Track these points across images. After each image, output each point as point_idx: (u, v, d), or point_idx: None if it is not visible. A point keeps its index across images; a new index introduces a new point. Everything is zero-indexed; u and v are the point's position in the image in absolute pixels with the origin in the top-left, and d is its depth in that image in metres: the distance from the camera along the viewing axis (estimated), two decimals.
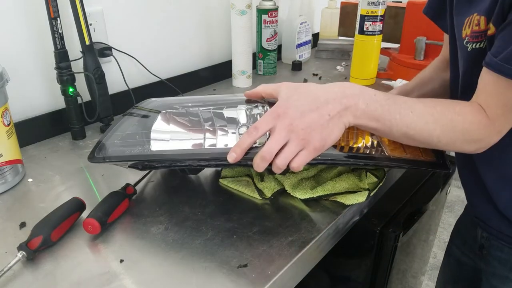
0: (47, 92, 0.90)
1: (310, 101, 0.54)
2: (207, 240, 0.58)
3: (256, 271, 0.52)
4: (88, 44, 0.87)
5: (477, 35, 0.59)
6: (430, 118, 0.56)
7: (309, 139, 0.53)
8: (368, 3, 1.13)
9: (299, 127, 0.53)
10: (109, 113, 0.93)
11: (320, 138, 0.53)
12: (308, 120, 0.53)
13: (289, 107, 0.54)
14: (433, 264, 1.93)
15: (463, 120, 0.56)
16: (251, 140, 0.55)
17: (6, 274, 0.51)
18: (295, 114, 0.53)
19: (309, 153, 0.54)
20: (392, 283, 0.89)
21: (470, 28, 0.60)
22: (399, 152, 0.63)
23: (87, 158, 0.64)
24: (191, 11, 1.18)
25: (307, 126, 0.53)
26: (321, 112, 0.53)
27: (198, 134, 0.60)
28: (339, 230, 0.64)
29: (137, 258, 0.55)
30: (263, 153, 0.53)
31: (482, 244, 0.72)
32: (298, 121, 0.53)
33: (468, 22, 0.60)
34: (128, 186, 0.66)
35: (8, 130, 0.70)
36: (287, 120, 0.53)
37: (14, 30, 0.83)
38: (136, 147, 0.61)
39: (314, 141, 0.53)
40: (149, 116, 0.64)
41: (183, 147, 0.60)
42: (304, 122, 0.53)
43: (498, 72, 0.51)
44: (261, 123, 0.54)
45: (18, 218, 0.63)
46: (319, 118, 0.53)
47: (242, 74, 1.23)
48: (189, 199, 0.67)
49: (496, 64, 0.51)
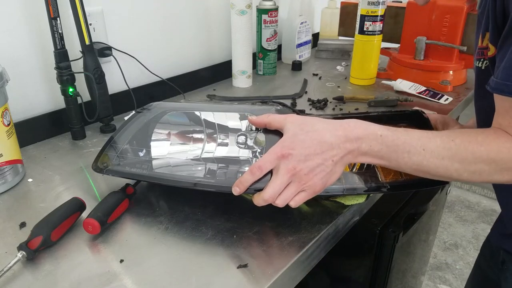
0: (47, 92, 0.90)
1: (316, 144, 0.53)
2: (207, 240, 0.58)
3: (256, 271, 0.52)
4: (88, 44, 0.86)
5: (479, 52, 0.58)
6: (447, 153, 0.53)
7: (311, 184, 0.54)
8: (368, 3, 1.13)
9: (303, 172, 0.53)
10: (109, 113, 0.93)
11: (322, 182, 0.54)
12: (312, 165, 0.53)
13: (294, 147, 0.53)
14: (433, 264, 1.93)
15: (487, 150, 0.52)
16: (254, 179, 0.56)
17: (6, 274, 0.51)
18: (299, 157, 0.53)
19: (308, 195, 0.55)
20: (392, 283, 0.89)
21: (477, 45, 0.59)
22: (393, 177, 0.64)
23: (91, 167, 0.66)
24: (191, 11, 1.17)
25: (310, 171, 0.53)
26: (325, 157, 0.53)
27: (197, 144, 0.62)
28: (339, 230, 0.64)
29: (137, 258, 0.55)
30: (265, 196, 0.54)
31: (504, 259, 0.68)
32: (302, 165, 0.53)
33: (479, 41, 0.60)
34: (128, 186, 0.66)
35: (8, 130, 0.70)
36: (291, 164, 0.53)
37: (14, 30, 0.83)
38: (136, 165, 0.64)
39: (315, 186, 0.54)
40: (150, 123, 0.65)
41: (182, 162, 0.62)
42: (307, 167, 0.53)
43: (500, 93, 0.50)
44: (264, 163, 0.55)
45: (18, 218, 0.63)
46: (322, 163, 0.53)
47: (242, 74, 1.23)
48: (189, 199, 0.67)
49: (496, 84, 0.50)
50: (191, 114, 0.65)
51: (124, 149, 0.65)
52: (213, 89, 1.23)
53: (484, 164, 0.52)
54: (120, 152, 0.65)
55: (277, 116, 0.58)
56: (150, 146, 0.64)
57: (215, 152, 0.61)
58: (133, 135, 0.65)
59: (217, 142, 0.62)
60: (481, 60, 0.58)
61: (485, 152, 0.51)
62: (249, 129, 0.61)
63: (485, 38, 0.55)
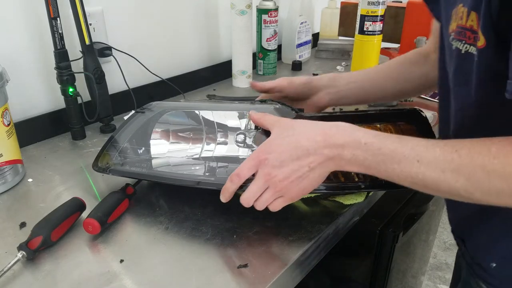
0: (47, 92, 0.90)
1: (291, 150, 0.51)
2: (207, 240, 0.58)
3: (256, 271, 0.52)
4: (88, 44, 0.86)
5: (460, 31, 0.48)
6: (448, 166, 0.44)
7: (286, 190, 0.53)
8: (368, 3, 1.13)
9: (277, 178, 0.52)
10: (109, 113, 0.93)
11: (297, 189, 0.53)
12: (287, 171, 0.52)
13: (271, 152, 0.52)
14: (433, 264, 1.93)
15: (503, 163, 0.41)
16: (235, 186, 0.55)
17: (6, 274, 0.51)
18: (275, 163, 0.52)
19: (286, 200, 0.54)
20: (392, 283, 0.89)
21: (455, 22, 0.49)
22: None
23: (92, 166, 0.66)
24: (191, 11, 1.17)
25: (284, 178, 0.52)
26: (301, 163, 0.51)
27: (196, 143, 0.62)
28: (339, 230, 0.64)
29: (137, 258, 0.55)
30: (242, 199, 0.55)
31: None
32: (276, 171, 0.52)
33: (454, 15, 0.50)
34: (128, 186, 0.66)
35: (8, 130, 0.70)
36: (266, 169, 0.52)
37: (14, 30, 0.83)
38: (136, 164, 0.64)
39: (290, 193, 0.53)
40: (150, 123, 0.65)
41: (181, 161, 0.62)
42: (282, 173, 0.52)
43: None
44: (242, 170, 0.54)
45: (18, 218, 0.63)
46: (298, 169, 0.51)
47: (242, 74, 1.23)
48: (189, 199, 0.67)
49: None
50: (190, 113, 0.65)
51: (124, 148, 0.65)
52: (213, 89, 1.23)
53: (501, 181, 0.41)
54: (120, 152, 0.65)
55: (270, 118, 0.57)
56: (150, 145, 0.64)
57: (214, 151, 0.61)
58: (133, 135, 0.65)
59: (216, 141, 0.62)
60: (462, 42, 0.48)
61: (500, 166, 0.41)
62: (248, 128, 0.61)
63: (470, 18, 0.46)
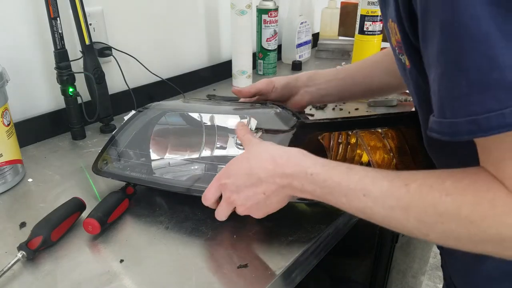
0: (47, 92, 0.90)
1: (245, 177, 0.52)
2: (207, 240, 0.58)
3: (256, 271, 0.52)
4: (88, 44, 0.86)
5: (400, 46, 0.44)
6: (396, 203, 0.39)
7: (250, 212, 0.54)
8: (368, 3, 1.13)
9: (238, 202, 0.53)
10: (109, 113, 0.93)
11: (260, 213, 0.54)
12: (243, 196, 0.52)
13: (229, 177, 0.53)
14: (433, 264, 1.93)
15: (457, 203, 0.35)
16: (208, 205, 0.57)
17: (6, 274, 0.51)
18: (232, 188, 0.53)
19: (257, 216, 0.55)
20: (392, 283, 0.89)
21: (393, 36, 0.45)
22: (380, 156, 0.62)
23: (91, 168, 0.66)
24: (191, 11, 1.17)
25: (242, 203, 0.53)
26: (255, 190, 0.51)
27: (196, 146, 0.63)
28: (339, 230, 0.64)
29: (137, 258, 0.55)
30: (216, 216, 0.57)
31: None
32: (235, 196, 0.53)
33: (390, 29, 0.46)
34: (128, 186, 0.66)
35: (8, 130, 0.70)
36: (227, 193, 0.54)
37: (14, 30, 0.83)
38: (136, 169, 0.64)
39: (255, 214, 0.54)
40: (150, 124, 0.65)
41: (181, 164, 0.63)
42: (239, 199, 0.53)
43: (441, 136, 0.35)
44: (207, 193, 0.56)
45: (18, 218, 0.63)
46: (253, 196, 0.52)
47: (242, 74, 1.23)
48: (189, 199, 0.67)
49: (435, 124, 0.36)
50: (190, 115, 0.65)
51: (124, 152, 0.65)
52: (213, 89, 1.23)
53: (457, 225, 0.35)
54: (119, 154, 0.65)
55: (246, 138, 0.58)
56: (149, 147, 0.64)
57: (214, 152, 0.61)
58: (133, 136, 0.65)
59: (216, 144, 0.62)
60: (402, 55, 0.44)
61: (453, 206, 0.35)
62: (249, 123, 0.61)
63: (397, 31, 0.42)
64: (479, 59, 0.31)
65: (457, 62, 0.32)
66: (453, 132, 0.33)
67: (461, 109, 0.33)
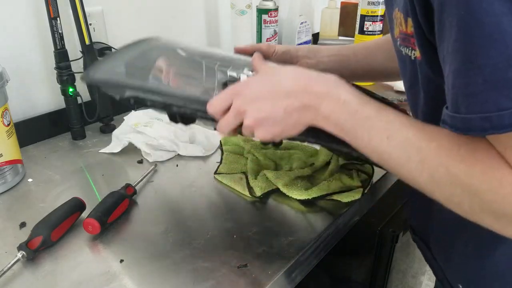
0: (47, 92, 0.90)
1: (270, 87, 0.47)
2: (207, 240, 0.58)
3: (256, 271, 0.52)
4: (88, 44, 0.86)
5: (404, 38, 0.45)
6: (415, 154, 0.39)
7: (257, 127, 0.48)
8: (368, 3, 1.13)
9: (247, 113, 0.47)
10: (109, 113, 0.93)
11: (268, 131, 0.47)
12: (257, 107, 0.47)
13: (247, 87, 0.48)
14: None
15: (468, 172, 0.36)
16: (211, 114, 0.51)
17: (6, 274, 0.51)
18: (247, 97, 0.47)
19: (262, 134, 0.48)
20: (392, 283, 0.89)
21: (397, 27, 0.46)
22: None
23: (80, 77, 0.59)
24: (191, 11, 1.17)
25: (255, 114, 0.47)
26: (276, 103, 0.46)
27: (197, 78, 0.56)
28: (339, 230, 0.64)
29: (137, 258, 0.55)
30: (218, 129, 0.51)
31: None
32: (247, 106, 0.47)
33: (395, 19, 0.46)
34: (128, 186, 0.66)
35: (8, 130, 0.70)
36: (238, 102, 0.48)
37: (14, 30, 0.83)
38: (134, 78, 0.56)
39: (262, 131, 0.48)
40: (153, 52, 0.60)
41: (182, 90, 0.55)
42: (252, 109, 0.47)
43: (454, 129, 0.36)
44: (218, 98, 0.49)
45: (18, 218, 0.63)
46: (270, 109, 0.46)
47: None
48: (189, 199, 0.67)
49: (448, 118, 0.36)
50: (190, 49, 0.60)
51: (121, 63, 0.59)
52: None
53: (462, 191, 0.37)
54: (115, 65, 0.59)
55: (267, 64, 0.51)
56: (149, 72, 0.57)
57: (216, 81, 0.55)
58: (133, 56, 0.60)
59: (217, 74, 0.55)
60: (409, 49, 0.45)
61: (463, 174, 0.36)
62: None
63: (408, 24, 0.42)
64: (496, 57, 0.31)
65: (473, 59, 0.33)
66: (466, 127, 0.34)
67: (475, 105, 0.33)
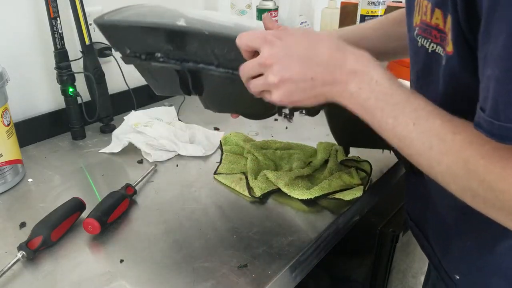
0: (47, 92, 0.90)
1: (303, 50, 0.46)
2: (207, 240, 0.58)
3: (256, 271, 0.52)
4: (88, 44, 0.86)
5: (425, 29, 0.44)
6: (438, 145, 0.39)
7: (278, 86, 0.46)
8: (368, 3, 1.13)
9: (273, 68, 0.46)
10: (109, 113, 0.93)
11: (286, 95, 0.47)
12: (285, 65, 0.45)
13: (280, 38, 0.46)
14: None
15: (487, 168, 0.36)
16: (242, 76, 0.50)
17: (6, 274, 0.51)
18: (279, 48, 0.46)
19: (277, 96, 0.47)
20: (392, 283, 0.89)
21: (419, 15, 0.45)
22: None
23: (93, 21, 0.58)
24: None
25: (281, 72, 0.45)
26: (304, 70, 0.45)
27: None
28: (339, 230, 0.64)
29: (137, 258, 0.55)
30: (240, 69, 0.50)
31: None
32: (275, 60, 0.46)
33: (417, 6, 0.45)
34: (128, 186, 0.66)
35: (8, 130, 0.70)
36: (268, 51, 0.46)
37: (14, 30, 0.83)
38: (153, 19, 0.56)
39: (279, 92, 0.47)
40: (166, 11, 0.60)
41: None
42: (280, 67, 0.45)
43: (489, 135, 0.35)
44: (249, 64, 0.48)
45: (18, 218, 0.63)
46: (297, 73, 0.45)
47: None
48: (189, 199, 0.67)
49: (485, 122, 0.35)
50: None
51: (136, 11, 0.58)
52: None
53: (478, 185, 0.37)
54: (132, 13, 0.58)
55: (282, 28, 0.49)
56: None
57: None
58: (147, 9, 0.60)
59: None
60: (428, 41, 0.44)
61: (482, 169, 0.36)
62: None
63: (435, 15, 0.42)
64: None
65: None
66: (502, 135, 0.34)
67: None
